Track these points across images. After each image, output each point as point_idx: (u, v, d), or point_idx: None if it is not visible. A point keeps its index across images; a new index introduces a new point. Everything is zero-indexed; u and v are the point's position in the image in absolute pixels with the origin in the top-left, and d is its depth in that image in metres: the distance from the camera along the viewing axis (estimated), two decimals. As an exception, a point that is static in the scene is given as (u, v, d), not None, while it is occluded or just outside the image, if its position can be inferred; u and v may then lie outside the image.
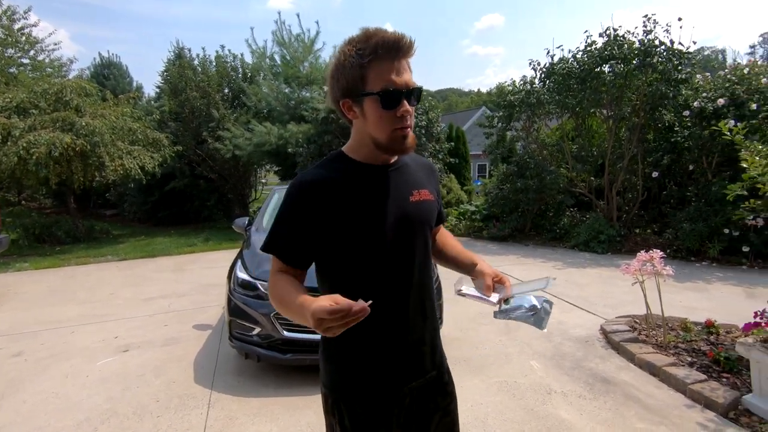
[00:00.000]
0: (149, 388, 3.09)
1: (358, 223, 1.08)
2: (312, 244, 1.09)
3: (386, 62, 1.01)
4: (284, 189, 5.30)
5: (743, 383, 2.76)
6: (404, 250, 1.14)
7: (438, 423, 1.23)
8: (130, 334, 4.16)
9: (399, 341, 1.15)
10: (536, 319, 1.15)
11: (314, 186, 1.07)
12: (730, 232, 6.06)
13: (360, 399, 1.14)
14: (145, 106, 13.20)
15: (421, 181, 1.21)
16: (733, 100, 6.13)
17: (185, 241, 9.62)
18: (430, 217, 1.21)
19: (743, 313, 3.79)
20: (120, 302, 5.22)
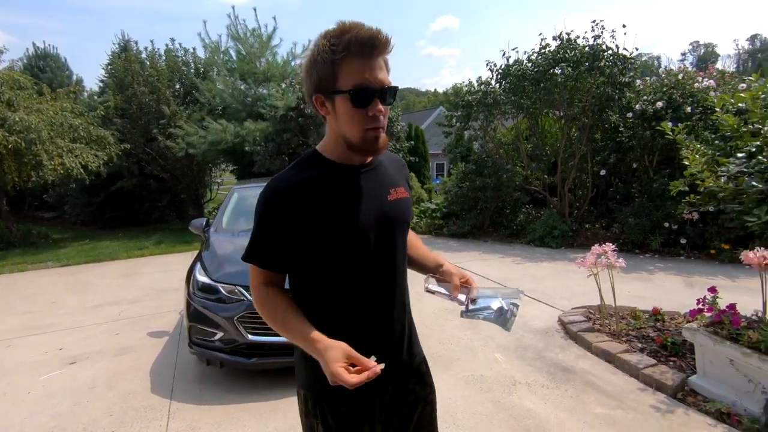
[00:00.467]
0: (102, 401, 2.89)
1: (338, 226, 1.05)
2: (292, 249, 1.07)
3: (359, 59, 0.98)
4: (243, 188, 5.13)
5: (688, 365, 2.97)
6: (386, 250, 1.13)
7: (419, 413, 1.25)
8: (77, 345, 3.88)
9: (382, 339, 1.16)
10: (502, 320, 1.17)
11: (290, 191, 1.04)
12: (669, 225, 6.51)
13: (343, 397, 1.11)
14: (88, 101, 12.35)
15: (397, 179, 1.21)
16: (670, 103, 6.59)
17: (135, 244, 9.10)
18: (408, 214, 1.21)
19: (684, 300, 4.09)
20: (63, 311, 4.85)
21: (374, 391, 1.15)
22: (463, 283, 1.22)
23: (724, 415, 2.44)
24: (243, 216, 4.39)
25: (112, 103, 11.29)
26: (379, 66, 1.01)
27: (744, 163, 2.98)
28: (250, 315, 2.93)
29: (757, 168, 2.89)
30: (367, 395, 1.14)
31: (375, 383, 1.11)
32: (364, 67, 0.98)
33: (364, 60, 0.98)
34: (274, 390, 2.93)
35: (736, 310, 2.60)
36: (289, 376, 3.05)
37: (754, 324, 2.52)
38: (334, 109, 1.03)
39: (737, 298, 2.84)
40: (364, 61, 0.98)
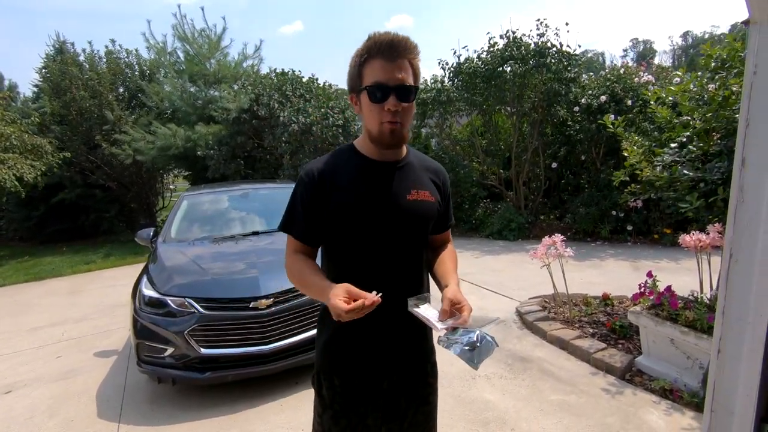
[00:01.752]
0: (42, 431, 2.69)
1: (355, 211, 1.19)
2: (317, 224, 1.22)
3: (378, 61, 1.13)
4: (193, 194, 4.92)
5: (635, 347, 3.13)
6: (397, 242, 1.23)
7: (416, 411, 1.32)
8: (12, 372, 3.59)
9: (381, 327, 1.23)
10: (470, 357, 1.10)
11: (319, 174, 1.21)
12: (616, 213, 6.86)
13: (338, 372, 1.27)
14: (21, 108, 11.47)
15: (423, 182, 1.29)
16: (612, 97, 6.93)
17: (81, 258, 8.55)
18: (427, 216, 1.27)
19: (631, 284, 4.28)
20: (-2, 336, 4.48)
21: (370, 378, 1.27)
22: (456, 310, 1.16)
23: (667, 391, 2.58)
24: (194, 224, 4.22)
25: (48, 109, 10.53)
26: (399, 67, 1.13)
27: (676, 153, 3.17)
28: (201, 328, 2.81)
29: (688, 157, 3.08)
30: (363, 379, 1.27)
31: (371, 370, 1.27)
32: (382, 67, 1.13)
33: (383, 61, 1.13)
34: (230, 404, 2.83)
35: (673, 292, 2.76)
36: (244, 388, 2.96)
37: (691, 304, 2.68)
38: (360, 106, 1.20)
39: (680, 279, 3.03)
40: (383, 62, 1.13)
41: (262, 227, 4.10)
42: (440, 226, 1.38)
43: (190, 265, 3.31)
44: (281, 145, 8.79)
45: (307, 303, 3.00)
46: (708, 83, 3.07)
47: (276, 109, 8.78)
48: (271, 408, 2.76)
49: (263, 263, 3.29)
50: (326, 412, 1.28)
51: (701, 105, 3.14)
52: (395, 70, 1.12)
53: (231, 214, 4.43)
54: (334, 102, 9.49)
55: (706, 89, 3.09)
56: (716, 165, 2.89)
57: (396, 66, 1.12)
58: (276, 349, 2.86)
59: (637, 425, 2.37)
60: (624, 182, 3.97)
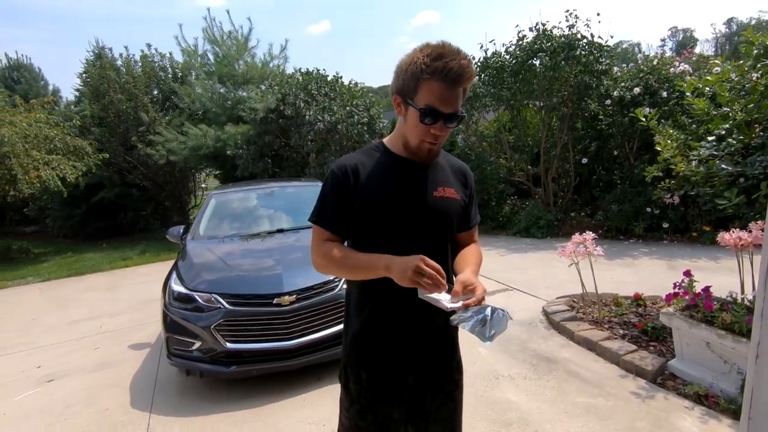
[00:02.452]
0: (79, 419, 2.83)
1: (382, 206, 1.22)
2: (346, 216, 1.25)
3: (440, 85, 1.12)
4: (221, 192, 5.05)
5: (668, 350, 2.99)
6: (421, 237, 1.24)
7: (440, 407, 1.33)
8: (55, 362, 3.79)
9: (403, 323, 1.26)
10: (481, 331, 1.10)
11: (351, 169, 1.24)
12: (651, 210, 6.57)
13: (365, 366, 1.29)
14: (64, 112, 12.09)
15: (449, 180, 1.32)
16: (647, 89, 6.64)
17: (119, 254, 8.95)
18: (452, 212, 1.30)
19: (666, 284, 4.09)
20: (42, 328, 4.75)
21: (395, 373, 1.28)
22: (468, 291, 1.16)
23: (701, 397, 2.46)
24: (222, 222, 4.33)
25: (88, 112, 11.06)
26: (456, 96, 1.15)
27: (714, 147, 3.01)
28: (227, 323, 2.88)
29: (727, 151, 2.92)
30: (388, 374, 1.28)
31: (396, 366, 1.29)
32: (441, 94, 1.13)
33: (444, 87, 1.12)
34: (254, 398, 2.89)
35: (709, 293, 2.62)
36: (269, 383, 3.02)
37: (728, 306, 2.54)
38: (405, 114, 1.21)
39: (719, 280, 2.87)
40: (445, 88, 1.12)
41: (288, 225, 4.16)
42: (465, 224, 1.39)
43: (217, 261, 3.40)
44: (307, 143, 8.90)
45: (329, 300, 3.03)
46: (750, 72, 2.90)
47: (302, 108, 8.89)
48: (294, 402, 2.81)
49: (287, 260, 3.34)
50: (353, 407, 1.30)
51: (742, 95, 2.96)
52: (452, 98, 1.14)
53: (258, 212, 4.52)
54: (359, 100, 9.52)
55: (747, 78, 2.91)
56: (758, 159, 2.72)
57: (454, 93, 1.14)
58: (299, 345, 2.90)
59: (669, 431, 2.27)
60: (658, 178, 3.80)
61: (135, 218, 11.83)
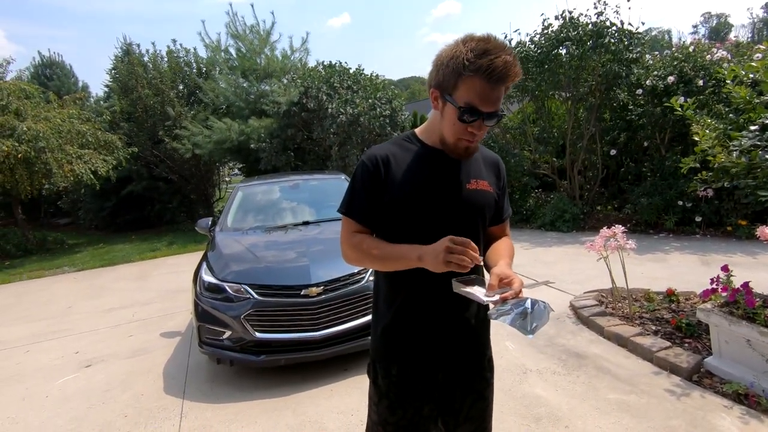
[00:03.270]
0: (116, 403, 2.94)
1: (414, 198, 1.19)
2: (376, 207, 1.22)
3: (483, 83, 1.06)
4: (247, 185, 5.13)
5: (704, 347, 2.90)
6: (454, 230, 1.17)
7: (471, 405, 1.31)
8: (91, 348, 3.94)
9: (434, 318, 1.24)
10: (522, 324, 1.06)
11: (382, 159, 1.22)
12: (683, 203, 6.36)
13: (395, 361, 1.27)
14: (94, 107, 12.46)
15: (482, 173, 1.29)
16: (681, 77, 6.40)
17: (148, 246, 9.22)
18: (485, 205, 1.28)
19: (699, 279, 3.99)
20: (78, 316, 4.94)
21: (425, 369, 1.26)
22: (505, 284, 1.13)
23: (741, 396, 2.38)
24: (248, 214, 4.39)
25: (117, 107, 11.38)
26: (498, 95, 1.09)
27: (757, 137, 2.87)
28: (256, 313, 2.93)
29: (771, 140, 2.78)
30: (418, 370, 1.26)
31: (426, 362, 1.27)
32: (483, 92, 1.07)
33: (487, 86, 1.06)
34: (283, 387, 2.94)
35: (750, 289, 2.52)
36: (296, 372, 3.07)
37: (771, 302, 2.44)
38: (443, 109, 1.16)
39: (757, 276, 2.77)
40: (487, 87, 1.07)
41: (312, 217, 4.19)
42: (497, 217, 1.36)
43: (246, 253, 3.46)
44: (329, 136, 8.93)
45: (355, 292, 3.05)
46: (797, 57, 2.74)
47: (324, 101, 8.91)
48: (322, 392, 2.85)
49: (313, 252, 3.37)
50: (382, 402, 1.28)
51: (788, 82, 2.81)
52: (494, 97, 1.09)
53: (282, 205, 4.57)
54: (382, 93, 9.48)
55: (794, 64, 2.76)
56: (805, 149, 2.59)
57: (497, 92, 1.08)
58: (326, 336, 2.93)
59: (706, 430, 2.21)
60: (693, 169, 3.66)
61: (162, 210, 12.14)
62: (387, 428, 1.28)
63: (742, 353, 2.48)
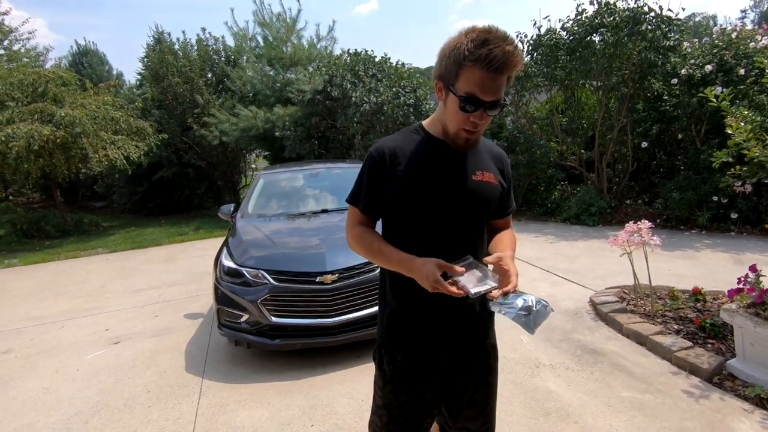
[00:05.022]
0: (140, 379, 3.09)
1: (418, 187, 1.21)
2: (383, 198, 1.25)
3: (482, 73, 1.07)
4: (269, 173, 5.22)
5: (728, 348, 2.80)
6: (459, 222, 1.24)
7: (474, 391, 1.33)
8: (120, 326, 4.14)
9: (438, 304, 1.24)
10: (526, 321, 1.11)
11: (389, 151, 1.24)
12: (718, 199, 6.07)
13: (400, 346, 1.30)
14: (127, 94, 12.88)
15: (488, 165, 1.30)
16: (721, 65, 6.06)
17: (176, 230, 9.54)
18: (490, 197, 1.29)
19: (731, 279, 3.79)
20: (110, 295, 5.19)
21: (430, 355, 1.29)
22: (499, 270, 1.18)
23: (764, 400, 2.29)
24: (269, 201, 4.48)
25: (149, 94, 11.72)
26: (499, 84, 1.10)
27: (796, 130, 2.70)
28: (272, 298, 3.01)
29: (812, 134, 2.62)
30: (423, 356, 1.29)
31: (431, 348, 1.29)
32: (483, 82, 1.08)
33: (487, 76, 1.07)
34: (297, 370, 3.02)
35: (780, 291, 2.40)
36: (311, 357, 3.14)
37: (802, 305, 2.32)
38: (445, 100, 1.18)
39: (789, 277, 2.63)
40: (487, 77, 1.08)
41: (332, 206, 4.24)
42: (501, 210, 1.38)
43: (264, 239, 3.54)
44: (353, 125, 8.94)
45: (369, 281, 3.08)
46: None
47: (348, 90, 8.91)
48: (335, 377, 2.91)
49: (331, 240, 3.41)
50: (386, 386, 1.32)
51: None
52: (495, 86, 1.09)
53: (304, 192, 4.63)
54: (407, 81, 9.40)
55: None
56: None
57: (497, 82, 1.09)
58: (340, 323, 2.99)
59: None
60: (727, 164, 3.49)
61: (190, 196, 12.51)
62: (391, 412, 1.32)
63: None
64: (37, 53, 15.26)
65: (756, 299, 2.48)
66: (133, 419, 2.61)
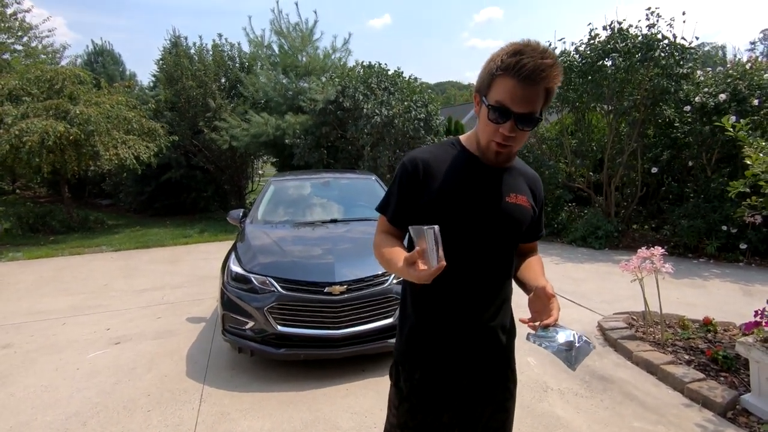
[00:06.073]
0: (140, 382, 3.05)
1: (451, 205, 1.19)
2: (412, 210, 1.23)
3: (513, 82, 1.05)
4: (279, 180, 5.21)
5: (741, 382, 2.74)
6: (488, 242, 1.22)
7: (491, 416, 1.29)
8: (122, 326, 4.11)
9: (461, 324, 1.23)
10: (567, 356, 1.07)
11: (422, 162, 1.22)
12: (728, 229, 6.03)
13: (419, 364, 1.26)
14: (140, 95, 13.01)
15: (522, 188, 1.28)
16: (734, 95, 6.07)
17: (181, 232, 9.54)
18: (522, 220, 1.26)
19: (741, 310, 3.77)
20: (113, 294, 5.16)
21: (447, 375, 1.25)
22: (547, 303, 1.15)
23: (780, 439, 2.23)
24: (279, 208, 4.47)
25: (162, 96, 11.83)
26: (531, 94, 1.07)
27: (816, 163, 2.69)
28: (279, 306, 2.98)
29: (833, 169, 2.60)
30: (440, 376, 1.25)
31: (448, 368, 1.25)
32: (513, 91, 1.06)
33: (516, 84, 1.05)
34: (301, 381, 2.97)
35: (799, 326, 2.36)
36: (314, 369, 3.09)
37: (821, 342, 2.27)
38: (480, 111, 1.17)
39: (803, 312, 2.58)
40: (517, 85, 1.05)
41: (341, 216, 4.22)
42: (531, 234, 1.35)
43: (273, 246, 3.52)
44: (363, 136, 8.98)
45: (379, 294, 3.05)
46: None
47: (360, 101, 8.97)
48: (338, 391, 2.86)
49: (339, 250, 3.39)
50: (402, 405, 1.28)
51: None
52: (526, 97, 1.06)
53: (313, 201, 4.62)
54: (418, 96, 9.46)
55: None
56: None
57: (529, 93, 1.06)
58: (346, 335, 2.95)
59: (737, 471, 2.08)
60: (742, 194, 3.47)
61: (197, 199, 12.54)
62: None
63: (785, 393, 2.33)
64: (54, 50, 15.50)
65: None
66: (132, 423, 2.56)
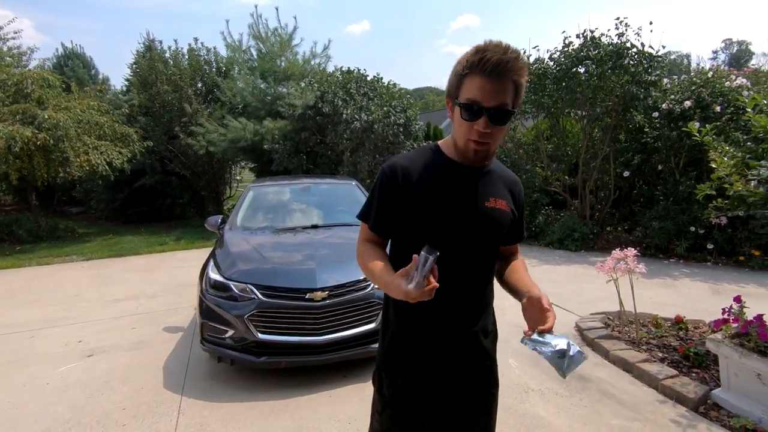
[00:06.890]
0: (115, 395, 2.94)
1: (431, 210, 1.19)
2: (393, 216, 1.23)
3: (481, 78, 1.08)
4: (258, 185, 5.15)
5: (711, 378, 2.84)
6: (469, 246, 1.22)
7: (474, 420, 1.30)
8: (95, 338, 3.97)
9: (443, 329, 1.24)
10: (560, 364, 1.09)
11: (402, 169, 1.22)
12: (696, 230, 6.27)
13: (401, 371, 1.26)
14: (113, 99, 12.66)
15: (501, 192, 1.28)
16: (698, 102, 6.34)
17: (156, 239, 9.29)
18: (502, 224, 1.26)
19: (710, 308, 3.92)
20: (84, 304, 4.98)
21: (429, 380, 1.26)
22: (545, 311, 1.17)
23: (748, 431, 2.32)
24: (258, 214, 4.42)
25: (136, 101, 11.54)
26: (500, 88, 1.08)
27: (776, 167, 2.82)
28: (260, 314, 2.93)
29: (791, 172, 2.74)
30: (422, 381, 1.25)
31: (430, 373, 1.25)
32: (481, 86, 1.08)
33: (484, 80, 1.07)
34: (282, 389, 2.93)
35: (763, 322, 2.47)
36: (295, 376, 3.06)
37: (784, 337, 2.38)
38: (453, 114, 1.18)
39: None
40: (485, 81, 1.07)
41: (322, 221, 4.20)
42: (512, 237, 1.37)
43: (253, 252, 3.47)
44: (343, 141, 8.97)
45: (360, 299, 3.04)
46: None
47: (340, 107, 8.97)
48: (321, 398, 2.83)
49: (320, 256, 3.37)
50: (385, 411, 1.28)
51: (811, 114, 2.77)
52: (495, 91, 1.08)
53: (293, 206, 4.59)
54: (397, 101, 9.52)
55: (818, 96, 2.72)
56: (826, 182, 2.54)
57: (497, 87, 1.08)
58: (328, 341, 2.92)
59: (710, 464, 2.16)
60: (709, 196, 3.62)
61: (172, 205, 12.25)
62: None
63: (752, 387, 2.43)
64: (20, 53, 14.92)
65: (741, 330, 2.54)
66: (106, 438, 2.47)
